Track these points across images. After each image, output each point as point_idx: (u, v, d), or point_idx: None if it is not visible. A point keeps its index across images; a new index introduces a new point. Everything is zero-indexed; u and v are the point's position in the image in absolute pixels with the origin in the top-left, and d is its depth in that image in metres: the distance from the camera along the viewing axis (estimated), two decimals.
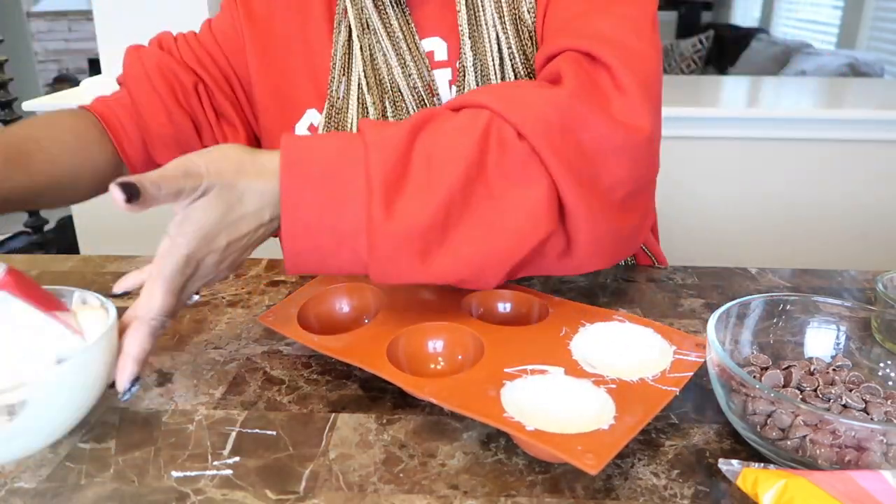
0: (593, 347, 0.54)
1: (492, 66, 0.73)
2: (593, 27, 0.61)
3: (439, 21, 0.78)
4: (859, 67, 3.43)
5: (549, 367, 0.51)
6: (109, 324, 0.47)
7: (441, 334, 0.56)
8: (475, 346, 0.54)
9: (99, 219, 1.80)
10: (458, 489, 0.44)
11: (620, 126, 0.54)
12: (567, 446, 0.42)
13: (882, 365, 0.53)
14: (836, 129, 1.68)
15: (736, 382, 0.47)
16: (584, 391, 0.49)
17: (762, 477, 0.41)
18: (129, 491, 0.44)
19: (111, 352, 0.48)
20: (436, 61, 0.78)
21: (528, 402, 0.47)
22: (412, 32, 0.78)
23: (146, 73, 0.80)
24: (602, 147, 0.53)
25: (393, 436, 0.49)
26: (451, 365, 0.55)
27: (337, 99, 0.79)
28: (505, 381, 0.49)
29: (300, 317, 0.60)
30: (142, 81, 0.80)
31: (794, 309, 0.55)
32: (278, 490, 0.44)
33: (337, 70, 0.79)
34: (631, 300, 0.70)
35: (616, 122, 0.54)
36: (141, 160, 0.82)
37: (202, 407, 0.53)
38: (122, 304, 0.50)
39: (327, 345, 0.56)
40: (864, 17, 4.15)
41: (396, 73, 0.77)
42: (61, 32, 5.32)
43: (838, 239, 1.75)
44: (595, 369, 0.51)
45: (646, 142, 0.55)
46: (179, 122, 0.81)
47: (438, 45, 0.78)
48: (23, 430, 0.44)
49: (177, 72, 0.80)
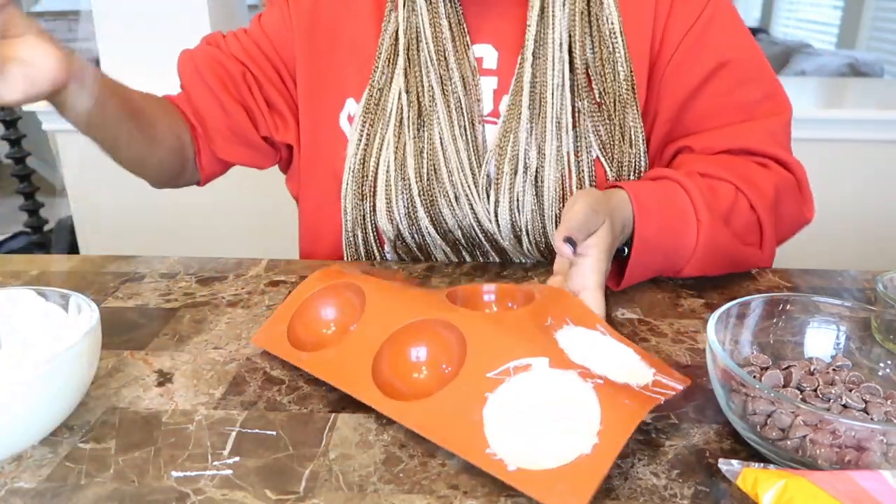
0: (577, 345, 0.53)
1: (552, 86, 0.75)
2: (769, 135, 0.78)
3: (494, 29, 0.79)
4: (859, 67, 3.43)
5: (532, 360, 0.49)
6: (92, 324, 0.49)
7: (423, 336, 0.55)
8: (458, 346, 0.53)
9: (99, 219, 1.80)
10: (458, 489, 0.44)
11: (804, 217, 0.80)
12: (548, 487, 0.42)
13: (882, 365, 0.53)
14: (836, 129, 1.68)
15: (736, 382, 0.47)
16: (570, 388, 0.47)
17: (762, 477, 0.41)
18: (129, 491, 0.44)
19: (94, 351, 0.50)
20: (483, 69, 0.79)
21: (511, 418, 0.46)
22: (463, 36, 0.79)
23: (197, 69, 0.83)
24: (791, 226, 0.79)
25: (393, 436, 0.49)
26: (434, 373, 0.54)
27: (377, 89, 0.80)
28: (487, 395, 0.48)
29: (290, 331, 0.60)
30: (194, 78, 0.83)
31: (794, 309, 0.55)
32: (278, 490, 0.44)
33: (382, 59, 0.80)
34: (631, 300, 0.70)
35: (803, 215, 0.79)
36: (207, 153, 0.86)
37: (202, 407, 0.53)
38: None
39: (315, 364, 0.56)
40: (864, 17, 4.16)
41: (433, 76, 0.77)
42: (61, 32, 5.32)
43: (838, 239, 1.74)
44: (581, 360, 0.50)
45: (805, 224, 0.81)
46: (233, 112, 0.83)
47: (489, 52, 0.80)
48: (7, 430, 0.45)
49: (225, 63, 0.83)
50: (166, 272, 0.77)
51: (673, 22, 0.76)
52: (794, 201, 0.77)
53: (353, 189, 0.80)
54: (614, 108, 0.75)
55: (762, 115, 0.78)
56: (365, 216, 0.81)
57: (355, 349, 0.55)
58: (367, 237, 0.82)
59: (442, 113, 0.77)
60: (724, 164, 0.75)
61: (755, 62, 0.78)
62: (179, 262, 0.80)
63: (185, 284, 0.74)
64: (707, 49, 0.76)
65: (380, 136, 0.79)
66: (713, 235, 0.69)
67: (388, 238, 0.81)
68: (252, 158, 0.88)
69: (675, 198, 0.69)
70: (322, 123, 0.84)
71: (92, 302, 0.52)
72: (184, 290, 0.73)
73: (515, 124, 0.76)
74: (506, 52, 0.79)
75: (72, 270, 0.78)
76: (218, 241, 1.82)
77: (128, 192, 1.76)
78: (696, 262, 0.70)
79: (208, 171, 0.88)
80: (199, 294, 0.72)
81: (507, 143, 0.76)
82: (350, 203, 0.81)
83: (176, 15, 1.65)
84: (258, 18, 0.86)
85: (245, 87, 0.84)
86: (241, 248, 1.79)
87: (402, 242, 0.82)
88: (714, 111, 0.78)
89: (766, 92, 0.78)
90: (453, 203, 0.78)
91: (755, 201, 0.72)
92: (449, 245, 0.81)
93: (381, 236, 0.82)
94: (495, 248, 0.81)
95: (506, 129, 0.76)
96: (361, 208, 0.81)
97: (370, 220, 0.81)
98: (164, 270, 0.77)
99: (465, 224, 0.79)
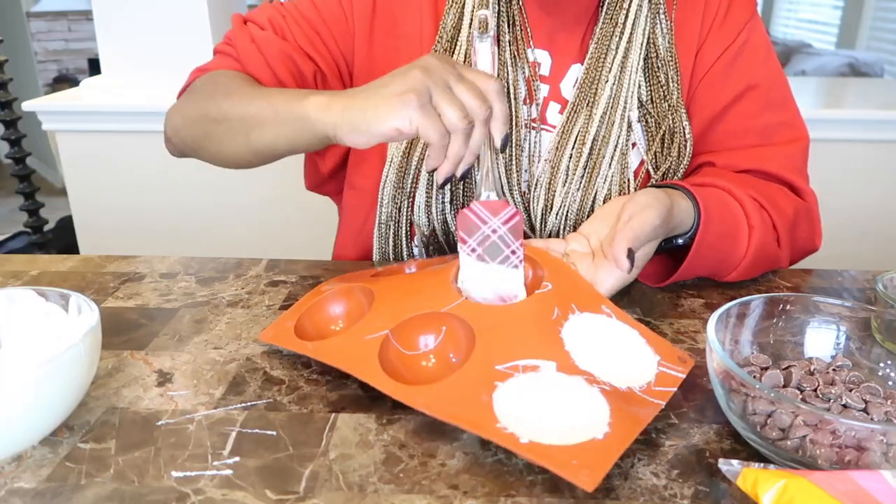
0: (583, 345, 0.54)
1: (605, 97, 0.77)
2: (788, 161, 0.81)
3: (552, 37, 0.80)
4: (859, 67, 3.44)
5: (540, 363, 0.50)
6: (92, 324, 0.49)
7: (431, 328, 0.56)
8: (466, 338, 0.53)
9: (99, 219, 1.80)
10: (458, 489, 0.44)
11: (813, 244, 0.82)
12: (562, 461, 0.42)
13: (882, 365, 0.53)
14: (836, 129, 1.68)
15: (736, 382, 0.47)
16: (578, 390, 0.48)
17: (762, 477, 0.41)
18: (129, 491, 0.44)
19: (94, 351, 0.50)
20: (537, 74, 0.79)
21: (521, 405, 0.47)
22: (524, 38, 0.79)
23: (266, 60, 0.78)
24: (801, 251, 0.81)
25: (393, 436, 0.49)
26: (442, 362, 0.55)
27: None
28: (496, 383, 0.49)
29: (297, 328, 0.60)
30: (262, 67, 0.78)
31: (794, 309, 0.56)
32: (278, 490, 0.44)
33: (439, 49, 0.78)
34: (631, 300, 0.70)
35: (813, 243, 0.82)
36: None
37: (202, 407, 0.53)
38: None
39: (321, 351, 0.56)
40: (864, 17, 4.15)
41: None
42: (61, 32, 5.32)
43: (838, 239, 1.74)
44: (586, 366, 0.51)
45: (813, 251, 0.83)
46: None
47: (544, 58, 0.80)
48: (7, 430, 0.45)
49: (297, 61, 0.78)
50: (166, 272, 0.77)
51: (710, 43, 0.79)
52: (807, 228, 0.80)
53: (392, 181, 0.79)
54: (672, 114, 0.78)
55: (781, 140, 0.81)
56: (401, 209, 0.80)
57: (362, 336, 0.56)
58: (399, 230, 0.81)
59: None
60: (749, 182, 0.76)
61: (780, 89, 0.81)
62: (179, 262, 0.80)
63: (185, 284, 0.74)
64: (739, 72, 0.79)
65: None
66: (762, 244, 0.71)
67: (421, 233, 0.80)
68: (312, 159, 0.87)
69: (730, 206, 0.71)
70: None
71: (92, 302, 0.52)
72: (184, 290, 0.73)
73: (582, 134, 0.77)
74: (559, 61, 0.79)
75: (72, 270, 0.78)
76: (218, 241, 1.82)
77: (128, 192, 1.77)
78: (742, 269, 0.72)
79: None
80: (199, 294, 0.72)
81: (563, 152, 0.77)
82: (387, 195, 0.80)
83: (176, 15, 1.65)
84: (314, 2, 0.80)
85: (314, 87, 0.80)
86: (241, 248, 1.79)
87: (435, 239, 0.81)
88: (738, 132, 0.80)
89: (787, 119, 0.81)
90: None
91: (777, 220, 0.74)
92: None
93: (412, 230, 0.81)
94: None
95: (558, 138, 0.77)
96: (398, 201, 0.80)
97: (405, 213, 0.80)
98: (164, 270, 0.77)
99: None
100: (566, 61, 0.79)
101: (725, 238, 0.70)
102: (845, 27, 4.29)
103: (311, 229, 1.65)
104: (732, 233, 0.70)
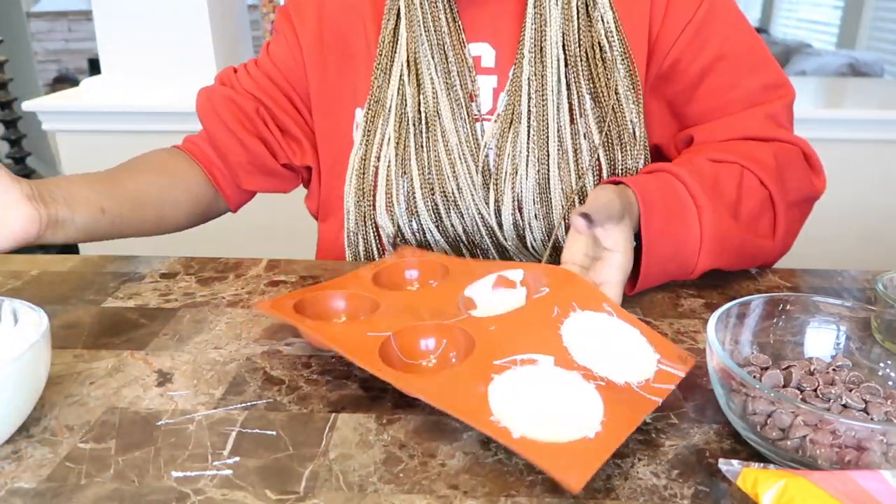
0: (582, 340, 0.54)
1: (551, 83, 0.76)
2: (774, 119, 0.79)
3: (491, 27, 0.80)
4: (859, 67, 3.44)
5: (538, 356, 0.51)
6: (42, 330, 0.49)
7: (433, 332, 0.56)
8: (467, 344, 0.54)
9: None
10: (458, 489, 0.44)
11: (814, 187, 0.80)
12: (551, 459, 0.42)
13: (882, 365, 0.53)
14: (836, 129, 1.68)
15: (736, 382, 0.47)
16: (573, 386, 0.48)
17: (762, 477, 0.41)
18: (129, 491, 0.44)
19: (46, 356, 0.50)
20: (481, 67, 0.79)
21: (516, 398, 0.47)
22: (459, 34, 0.79)
23: (214, 109, 0.86)
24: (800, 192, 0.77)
25: (393, 436, 0.49)
26: (443, 362, 0.55)
27: (377, 87, 0.81)
28: (493, 375, 0.49)
29: (297, 307, 0.60)
30: (212, 118, 0.86)
31: (794, 309, 0.55)
32: (278, 490, 0.44)
33: (381, 59, 0.81)
34: (631, 300, 0.70)
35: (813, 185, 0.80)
36: (231, 187, 0.89)
37: (202, 407, 0.53)
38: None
39: (320, 329, 0.56)
40: (864, 17, 4.15)
41: (433, 73, 0.78)
42: (61, 32, 5.32)
43: (838, 239, 1.75)
44: (584, 361, 0.51)
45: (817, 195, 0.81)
46: (252, 147, 0.86)
47: (487, 51, 0.80)
48: None
49: (238, 101, 0.86)
50: (166, 272, 0.77)
51: (670, 18, 0.77)
52: (801, 170, 0.77)
53: (354, 186, 0.81)
54: (616, 104, 0.76)
55: (765, 101, 0.78)
56: (366, 214, 0.81)
57: (363, 330, 0.56)
58: (368, 236, 0.82)
59: (444, 109, 0.77)
60: (726, 147, 0.75)
61: (754, 53, 0.79)
62: (179, 262, 0.80)
63: (185, 284, 0.74)
64: (705, 43, 0.77)
65: (380, 133, 0.80)
66: (717, 222, 0.68)
67: (386, 234, 0.81)
68: (275, 185, 0.91)
69: (673, 188, 0.69)
70: (338, 138, 0.85)
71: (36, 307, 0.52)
72: (184, 290, 0.73)
73: (516, 123, 0.76)
74: (503, 51, 0.79)
75: (72, 270, 0.78)
76: (218, 241, 1.82)
77: None
78: (707, 254, 0.68)
79: (236, 201, 0.92)
80: (199, 294, 0.72)
81: (507, 140, 0.76)
82: (352, 201, 0.81)
83: (176, 15, 1.65)
84: (267, 48, 0.89)
85: (260, 121, 0.86)
86: (241, 248, 1.79)
87: (402, 240, 0.81)
88: (715, 104, 0.79)
89: (767, 81, 0.78)
90: (456, 199, 0.78)
91: (762, 175, 0.72)
92: (450, 243, 0.82)
93: (381, 237, 0.83)
94: (497, 247, 0.81)
95: (503, 128, 0.77)
96: (362, 206, 0.81)
97: (370, 218, 0.81)
98: (164, 270, 0.77)
99: (468, 221, 0.79)
100: (512, 51, 0.79)
101: (674, 220, 0.67)
102: (845, 27, 4.29)
103: (311, 230, 1.65)
104: (678, 214, 0.68)
